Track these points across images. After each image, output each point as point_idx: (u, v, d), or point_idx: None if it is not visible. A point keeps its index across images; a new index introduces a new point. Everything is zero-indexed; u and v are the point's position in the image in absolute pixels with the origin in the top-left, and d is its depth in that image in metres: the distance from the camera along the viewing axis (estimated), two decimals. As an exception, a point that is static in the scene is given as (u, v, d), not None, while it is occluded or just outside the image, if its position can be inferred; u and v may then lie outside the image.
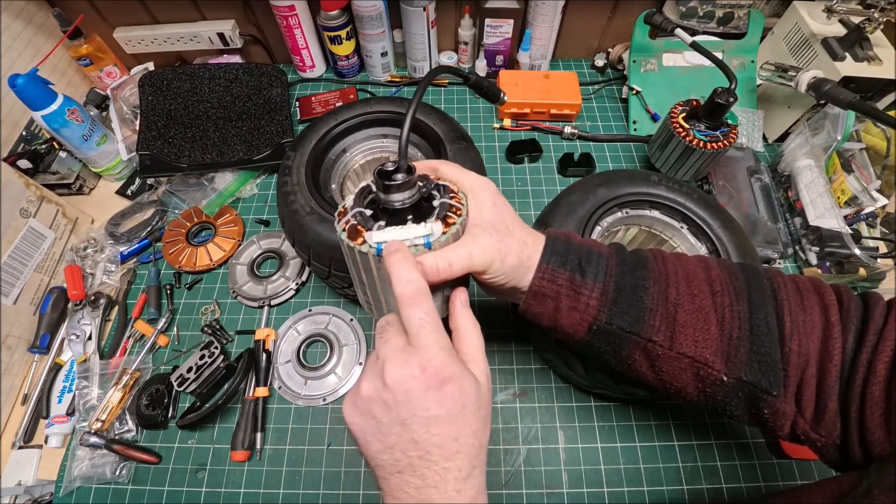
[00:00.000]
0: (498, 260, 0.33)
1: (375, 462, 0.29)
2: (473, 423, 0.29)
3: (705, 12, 0.87)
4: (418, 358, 0.29)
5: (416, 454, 0.28)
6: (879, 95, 0.74)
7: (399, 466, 0.28)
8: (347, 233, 0.33)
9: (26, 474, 0.60)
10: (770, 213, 0.72)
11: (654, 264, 0.37)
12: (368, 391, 0.29)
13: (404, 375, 0.28)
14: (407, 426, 0.28)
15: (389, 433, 0.28)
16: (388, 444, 0.28)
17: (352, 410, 0.30)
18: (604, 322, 0.35)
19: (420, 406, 0.28)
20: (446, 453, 0.28)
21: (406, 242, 0.32)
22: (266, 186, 0.83)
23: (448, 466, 0.28)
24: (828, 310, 0.33)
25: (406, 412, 0.28)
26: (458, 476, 0.28)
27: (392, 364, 0.29)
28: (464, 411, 0.29)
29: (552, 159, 0.85)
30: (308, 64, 0.95)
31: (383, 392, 0.28)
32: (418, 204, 0.34)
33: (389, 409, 0.28)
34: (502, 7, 0.84)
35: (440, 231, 0.32)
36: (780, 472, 0.57)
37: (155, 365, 0.65)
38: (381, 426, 0.29)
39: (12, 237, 0.66)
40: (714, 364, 0.33)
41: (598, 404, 0.62)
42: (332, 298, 0.70)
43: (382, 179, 0.32)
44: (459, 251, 0.32)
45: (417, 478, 0.28)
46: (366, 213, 0.35)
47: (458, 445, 0.28)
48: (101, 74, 0.90)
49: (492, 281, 0.35)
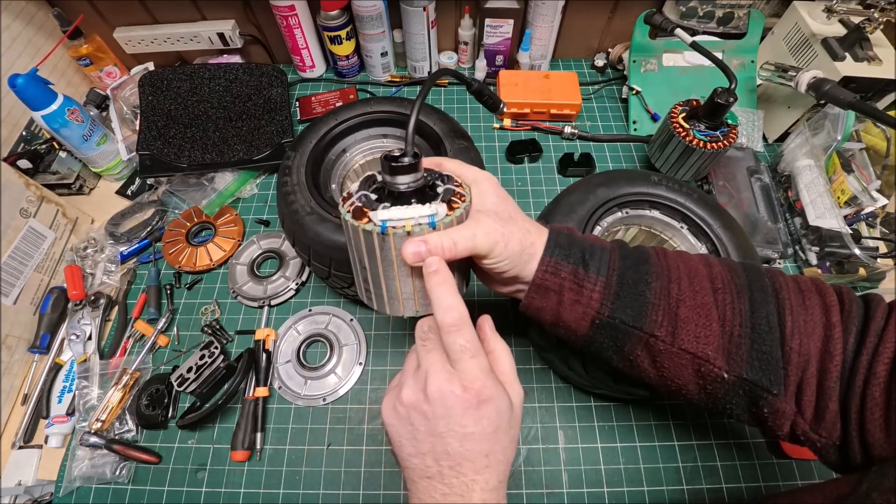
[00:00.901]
0: (501, 243, 0.34)
1: (406, 464, 0.31)
2: (504, 442, 0.31)
3: (705, 12, 0.87)
4: (460, 378, 0.30)
5: (448, 465, 0.29)
6: (879, 95, 0.74)
7: (429, 473, 0.30)
8: (352, 213, 0.34)
9: (26, 474, 0.60)
10: (770, 213, 0.72)
11: (657, 260, 0.37)
12: (409, 399, 0.30)
13: (446, 392, 0.29)
14: (443, 438, 0.29)
15: (424, 441, 0.30)
16: (421, 450, 0.30)
17: (391, 413, 0.32)
18: (606, 316, 0.35)
19: (458, 422, 0.29)
20: (477, 467, 0.29)
21: (410, 221, 0.32)
22: (266, 186, 0.83)
23: (476, 479, 0.29)
24: (829, 310, 0.33)
25: (443, 426, 0.29)
26: (484, 488, 0.29)
27: (434, 379, 0.30)
28: (497, 431, 0.30)
29: (552, 159, 0.85)
30: (308, 64, 0.95)
31: (424, 404, 0.30)
32: (423, 190, 0.34)
33: (428, 421, 0.30)
34: (502, 7, 0.84)
35: (444, 212, 0.33)
36: (780, 472, 0.57)
37: (155, 365, 0.65)
38: (417, 433, 0.30)
39: (12, 237, 0.66)
40: (715, 361, 0.34)
41: (598, 404, 0.62)
42: (332, 298, 0.70)
43: (389, 162, 0.33)
44: (464, 232, 0.33)
45: (445, 486, 0.29)
46: (371, 197, 0.35)
47: (489, 461, 0.30)
48: (101, 74, 0.90)
49: (494, 267, 0.35)
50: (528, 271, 0.36)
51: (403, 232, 0.32)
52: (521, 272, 0.36)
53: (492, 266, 0.35)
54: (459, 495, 0.29)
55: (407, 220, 0.32)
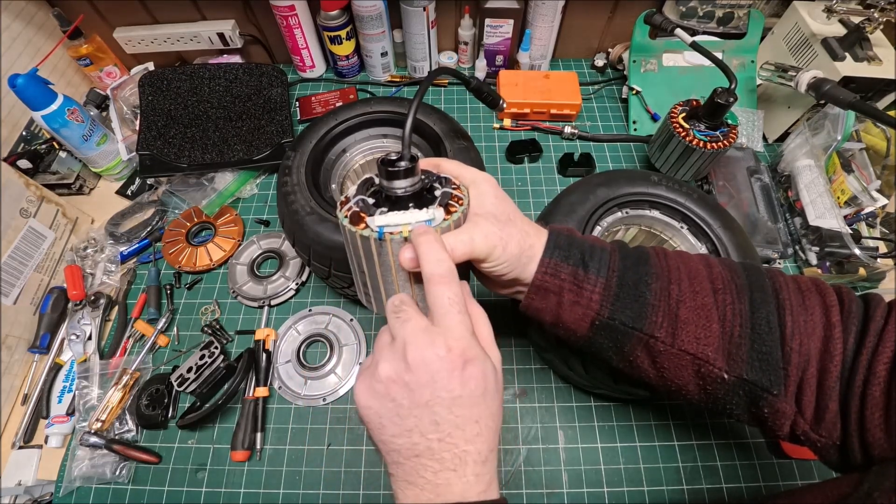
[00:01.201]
0: (500, 246, 0.33)
1: (390, 447, 0.29)
2: (493, 406, 0.29)
3: (705, 12, 0.87)
4: (444, 338, 0.28)
5: (437, 437, 0.27)
6: (879, 95, 0.74)
7: (417, 450, 0.28)
8: (350, 219, 0.34)
9: (26, 474, 0.60)
10: (770, 213, 0.72)
11: (657, 260, 0.37)
12: (388, 373, 0.28)
13: (430, 356, 0.28)
14: (429, 408, 0.27)
15: (409, 416, 0.28)
16: (406, 427, 0.28)
17: (367, 394, 0.29)
18: (606, 317, 0.35)
19: (444, 387, 0.27)
20: (467, 435, 0.28)
21: (408, 226, 0.32)
22: (266, 186, 0.83)
23: (468, 450, 0.28)
24: (829, 310, 0.33)
25: (429, 394, 0.27)
26: (476, 459, 0.28)
27: (415, 345, 0.28)
28: (485, 394, 0.29)
29: (552, 159, 0.85)
30: (308, 64, 0.95)
31: (405, 374, 0.28)
32: (420, 194, 0.34)
33: (411, 392, 0.28)
34: (502, 7, 0.84)
35: (442, 217, 0.33)
36: (780, 472, 0.57)
37: (155, 365, 0.65)
38: (401, 409, 0.28)
39: (12, 237, 0.66)
40: (715, 361, 0.33)
41: (598, 404, 0.62)
42: (332, 298, 0.70)
43: (386, 167, 0.32)
44: (462, 236, 0.32)
45: (436, 461, 0.27)
46: (368, 201, 0.35)
47: (479, 428, 0.28)
48: (101, 74, 0.90)
49: (493, 270, 0.35)
50: (528, 273, 0.36)
51: (401, 238, 0.32)
52: (520, 274, 0.36)
53: (490, 269, 0.35)
54: (452, 469, 0.27)
55: (404, 226, 0.32)
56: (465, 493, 0.27)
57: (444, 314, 0.29)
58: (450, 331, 0.29)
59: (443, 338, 0.28)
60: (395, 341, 0.30)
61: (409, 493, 0.28)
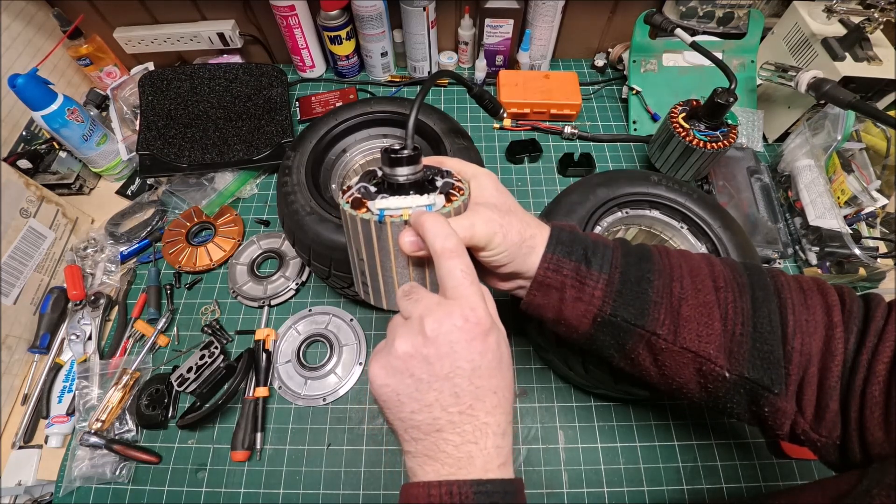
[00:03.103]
0: (500, 234, 0.33)
1: (409, 423, 0.28)
2: (508, 377, 0.29)
3: (705, 12, 0.87)
4: (460, 308, 0.28)
5: (458, 409, 0.27)
6: (879, 95, 0.74)
7: (438, 425, 0.28)
8: (351, 204, 0.34)
9: (26, 474, 0.60)
10: (770, 213, 0.72)
11: (659, 258, 0.37)
12: (406, 348, 0.28)
13: (448, 327, 0.28)
14: (450, 379, 0.27)
15: (429, 390, 0.28)
16: (426, 402, 0.28)
17: (383, 372, 0.29)
18: (608, 314, 0.35)
19: (463, 357, 0.27)
20: (487, 407, 0.28)
21: (408, 210, 0.32)
22: (266, 186, 0.83)
23: (488, 421, 0.28)
24: (831, 310, 0.33)
25: (449, 365, 0.27)
26: (496, 431, 0.28)
27: (432, 317, 0.28)
28: (501, 364, 0.29)
29: (552, 159, 0.85)
30: (308, 64, 0.95)
31: (424, 347, 0.28)
32: (422, 183, 0.35)
33: (430, 365, 0.28)
34: (502, 7, 0.84)
35: (442, 203, 0.33)
36: (780, 472, 0.57)
37: (155, 365, 0.65)
38: (420, 384, 0.28)
39: (12, 237, 0.66)
40: (717, 360, 0.33)
41: (598, 404, 0.62)
42: (332, 298, 0.70)
43: (389, 154, 0.33)
44: (462, 222, 0.32)
45: (457, 434, 0.27)
46: (370, 188, 0.35)
47: (498, 399, 0.28)
48: (101, 74, 0.90)
49: (492, 259, 0.35)
50: (528, 266, 0.36)
51: (401, 221, 0.32)
52: (520, 266, 0.36)
53: (490, 258, 0.35)
54: (473, 442, 0.27)
55: (405, 209, 0.32)
56: (486, 465, 0.27)
57: (457, 285, 0.29)
58: (466, 300, 0.28)
59: (459, 308, 0.28)
60: (410, 319, 0.30)
61: (428, 469, 0.28)
